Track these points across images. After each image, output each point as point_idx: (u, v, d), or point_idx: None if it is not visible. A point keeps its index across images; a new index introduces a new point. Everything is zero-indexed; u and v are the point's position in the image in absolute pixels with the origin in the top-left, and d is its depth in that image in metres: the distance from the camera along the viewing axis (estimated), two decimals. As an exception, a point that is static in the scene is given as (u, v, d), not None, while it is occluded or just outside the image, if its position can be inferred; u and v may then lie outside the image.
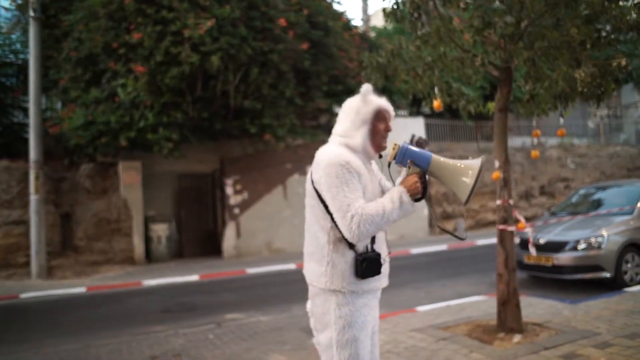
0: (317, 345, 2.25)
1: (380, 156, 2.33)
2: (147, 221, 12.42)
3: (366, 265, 2.11)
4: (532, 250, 6.55)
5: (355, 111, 2.23)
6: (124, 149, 11.29)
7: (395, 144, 2.18)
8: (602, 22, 4.67)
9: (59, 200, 12.15)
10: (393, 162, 2.20)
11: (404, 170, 2.20)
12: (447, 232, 2.47)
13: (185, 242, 13.19)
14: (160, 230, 12.39)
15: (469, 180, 2.10)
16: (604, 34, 4.61)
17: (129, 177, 12.24)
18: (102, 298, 8.54)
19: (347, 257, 2.12)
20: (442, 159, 2.18)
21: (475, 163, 2.15)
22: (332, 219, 2.09)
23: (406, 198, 2.10)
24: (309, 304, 2.32)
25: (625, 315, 5.16)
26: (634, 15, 4.38)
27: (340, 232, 2.08)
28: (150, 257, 12.31)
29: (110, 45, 10.56)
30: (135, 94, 10.38)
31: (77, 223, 12.13)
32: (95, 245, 12.03)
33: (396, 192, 2.11)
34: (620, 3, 4.44)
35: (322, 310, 2.17)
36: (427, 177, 2.17)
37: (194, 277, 9.82)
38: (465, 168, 2.14)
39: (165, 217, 12.71)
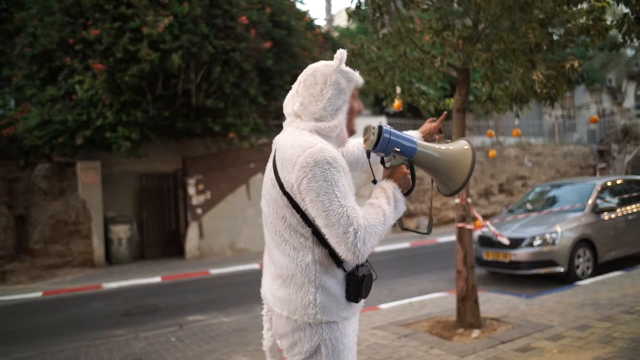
0: None
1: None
2: (107, 222, 12.11)
3: (365, 285, 1.72)
4: (504, 240, 6.82)
5: (335, 86, 1.75)
6: (82, 148, 11.00)
7: (372, 127, 1.75)
8: (555, 25, 4.85)
9: (12, 202, 11.70)
10: (372, 150, 1.79)
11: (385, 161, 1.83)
12: (409, 230, 2.20)
13: (147, 244, 12.93)
14: (121, 231, 12.11)
15: (464, 168, 1.79)
16: (555, 37, 4.78)
17: (88, 177, 11.92)
18: (59, 302, 8.28)
19: (339, 278, 1.70)
20: (426, 144, 1.86)
21: (465, 145, 1.84)
22: (314, 231, 1.66)
23: (399, 195, 1.73)
24: (269, 341, 1.90)
25: (577, 307, 5.38)
26: (584, 19, 4.56)
27: (325, 247, 1.66)
28: (110, 259, 12.01)
29: (67, 41, 10.24)
30: (93, 92, 10.11)
31: (32, 225, 11.71)
32: (52, 248, 11.65)
33: (389, 190, 1.72)
34: (572, 7, 4.61)
35: (307, 347, 1.69)
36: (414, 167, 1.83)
37: (156, 279, 9.64)
38: (459, 152, 1.82)
39: (126, 218, 12.42)
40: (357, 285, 1.69)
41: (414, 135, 2.17)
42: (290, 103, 1.84)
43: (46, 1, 10.45)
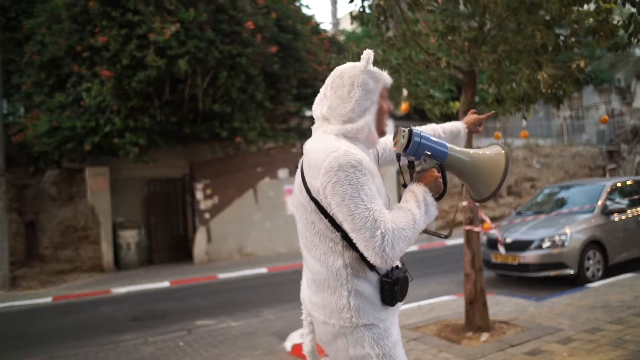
0: None
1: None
2: (116, 228, 12.18)
3: (400, 288, 1.69)
4: (501, 249, 6.77)
5: (362, 87, 1.73)
6: (91, 154, 11.09)
7: (403, 130, 1.72)
8: (562, 26, 4.82)
9: (22, 208, 11.81)
10: (402, 154, 1.76)
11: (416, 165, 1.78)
12: (429, 232, 2.09)
13: (155, 249, 12.98)
14: (130, 236, 12.17)
15: (496, 173, 1.78)
16: (562, 38, 4.76)
17: (96, 183, 12.00)
18: (69, 308, 8.33)
19: (372, 281, 1.68)
20: (458, 148, 1.83)
21: (500, 151, 1.83)
22: (343, 236, 1.64)
23: (430, 199, 1.69)
24: (308, 345, 1.86)
25: (587, 310, 5.32)
26: (591, 20, 4.53)
27: (356, 251, 1.64)
28: (119, 264, 12.07)
29: (74, 49, 10.35)
30: (101, 98, 10.20)
31: (42, 231, 11.80)
32: (62, 254, 11.73)
33: (420, 193, 1.68)
34: (579, 9, 4.59)
35: (353, 353, 1.66)
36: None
37: (164, 284, 9.68)
38: (491, 157, 1.81)
39: (134, 224, 12.49)
40: (392, 289, 1.67)
41: (458, 125, 2.18)
42: (319, 107, 1.82)
43: (54, 9, 10.57)
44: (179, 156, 13.04)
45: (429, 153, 1.71)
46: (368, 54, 1.75)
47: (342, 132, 1.70)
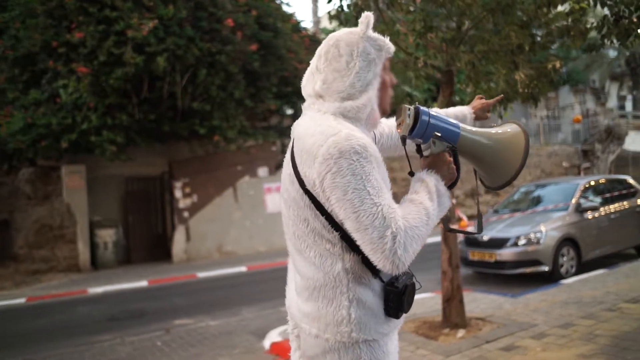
0: None
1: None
2: (93, 227, 12.00)
3: (408, 296, 1.47)
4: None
5: (363, 57, 1.46)
6: (67, 152, 10.90)
7: (407, 109, 1.48)
8: (535, 27, 4.92)
9: (-5, 206, 11.57)
10: (407, 136, 1.51)
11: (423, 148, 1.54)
12: (456, 231, 1.99)
13: (133, 248, 12.83)
14: (107, 235, 12.01)
15: (516, 155, 1.54)
16: (538, 38, 4.85)
17: (73, 181, 11.80)
18: (44, 308, 8.18)
19: (376, 289, 1.44)
20: (471, 127, 1.59)
21: (516, 129, 1.59)
22: (342, 236, 1.40)
23: (443, 188, 1.47)
24: None
25: (561, 306, 5.44)
26: (564, 22, 4.63)
27: (357, 254, 1.40)
28: (96, 264, 11.90)
29: (50, 44, 10.16)
30: (77, 95, 10.03)
31: (16, 230, 11.57)
32: (37, 253, 11.51)
33: (431, 183, 1.45)
34: (553, 10, 4.69)
35: None
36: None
37: (142, 283, 9.58)
38: (510, 137, 1.57)
39: (111, 222, 12.32)
40: (398, 299, 1.44)
41: (464, 110, 1.91)
42: (310, 82, 1.54)
43: (29, 3, 10.34)
44: (158, 154, 12.89)
45: (439, 134, 1.48)
46: (367, 17, 1.46)
47: (340, 110, 1.45)
